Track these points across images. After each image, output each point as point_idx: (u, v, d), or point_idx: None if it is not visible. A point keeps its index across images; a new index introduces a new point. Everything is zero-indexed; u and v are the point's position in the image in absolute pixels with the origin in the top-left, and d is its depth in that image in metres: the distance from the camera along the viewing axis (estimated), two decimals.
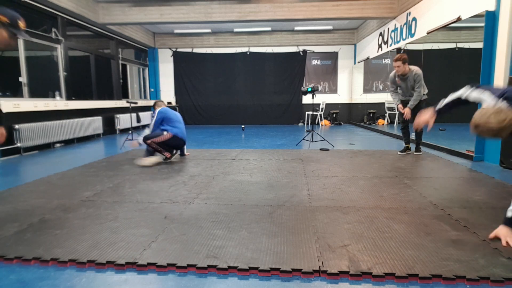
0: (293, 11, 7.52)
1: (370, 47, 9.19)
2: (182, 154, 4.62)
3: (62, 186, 3.14)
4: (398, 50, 9.30)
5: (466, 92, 2.09)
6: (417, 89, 4.30)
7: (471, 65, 5.97)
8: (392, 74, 4.51)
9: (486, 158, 4.19)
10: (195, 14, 7.64)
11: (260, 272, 1.55)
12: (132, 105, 7.15)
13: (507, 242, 1.79)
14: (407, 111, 4.40)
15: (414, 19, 6.36)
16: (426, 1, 5.91)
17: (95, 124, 7.19)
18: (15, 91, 5.42)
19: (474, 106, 2.23)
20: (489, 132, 1.73)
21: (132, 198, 2.69)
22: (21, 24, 1.97)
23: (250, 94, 10.93)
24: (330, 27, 10.17)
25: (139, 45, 10.05)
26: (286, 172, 3.65)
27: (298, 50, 10.78)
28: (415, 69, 4.33)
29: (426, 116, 2.25)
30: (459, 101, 2.15)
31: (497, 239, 1.84)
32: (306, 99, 10.52)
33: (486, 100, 1.91)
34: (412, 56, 9.61)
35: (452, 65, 9.30)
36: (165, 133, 4.09)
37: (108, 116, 8.00)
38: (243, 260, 1.63)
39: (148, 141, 4.02)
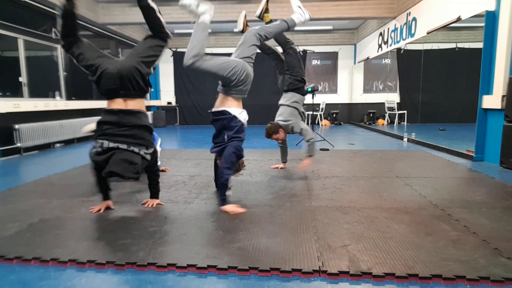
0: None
1: (370, 47, 9.19)
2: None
3: (62, 186, 3.14)
4: (398, 50, 9.33)
5: None
6: (306, 141, 3.42)
7: (471, 65, 5.96)
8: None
9: (486, 158, 4.19)
10: None
11: (260, 272, 1.55)
12: None
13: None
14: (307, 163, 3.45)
15: (414, 19, 6.35)
16: (426, 1, 5.91)
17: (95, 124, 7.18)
18: (15, 91, 5.42)
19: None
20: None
21: (132, 198, 2.69)
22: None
23: (250, 94, 10.67)
24: (330, 27, 10.16)
25: None
26: (286, 172, 3.64)
27: (298, 50, 10.78)
28: (290, 123, 3.47)
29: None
30: None
31: (496, 239, 1.84)
32: (306, 99, 10.51)
33: None
34: (412, 56, 9.66)
35: (452, 65, 9.30)
36: None
37: None
38: (243, 260, 1.63)
39: None
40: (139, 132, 2.18)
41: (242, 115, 2.50)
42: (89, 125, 3.35)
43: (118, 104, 2.19)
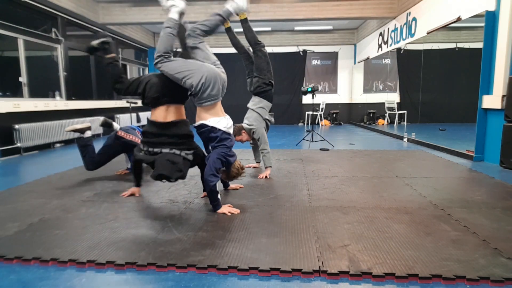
0: (293, 11, 7.51)
1: (370, 47, 9.19)
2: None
3: (62, 186, 3.14)
4: (398, 50, 9.33)
5: None
6: (262, 149, 3.50)
7: (471, 65, 5.97)
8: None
9: (486, 158, 4.19)
10: (195, 14, 7.64)
11: (260, 272, 1.55)
12: (132, 105, 7.16)
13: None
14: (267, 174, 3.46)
15: (414, 19, 6.36)
16: (426, 1, 5.91)
17: (95, 124, 7.19)
18: (15, 91, 5.42)
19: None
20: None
21: (132, 198, 2.69)
22: None
23: (250, 94, 10.92)
24: (330, 27, 10.17)
25: (139, 45, 10.04)
26: (286, 172, 3.65)
27: (298, 50, 10.78)
28: (253, 128, 3.58)
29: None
30: None
31: (496, 239, 1.84)
32: (306, 99, 10.51)
33: None
34: (412, 56, 9.65)
35: (452, 65, 9.31)
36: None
37: (108, 116, 7.99)
38: (243, 260, 1.63)
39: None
40: (179, 139, 2.38)
41: (221, 123, 2.41)
42: (74, 125, 3.40)
43: (161, 112, 2.37)
